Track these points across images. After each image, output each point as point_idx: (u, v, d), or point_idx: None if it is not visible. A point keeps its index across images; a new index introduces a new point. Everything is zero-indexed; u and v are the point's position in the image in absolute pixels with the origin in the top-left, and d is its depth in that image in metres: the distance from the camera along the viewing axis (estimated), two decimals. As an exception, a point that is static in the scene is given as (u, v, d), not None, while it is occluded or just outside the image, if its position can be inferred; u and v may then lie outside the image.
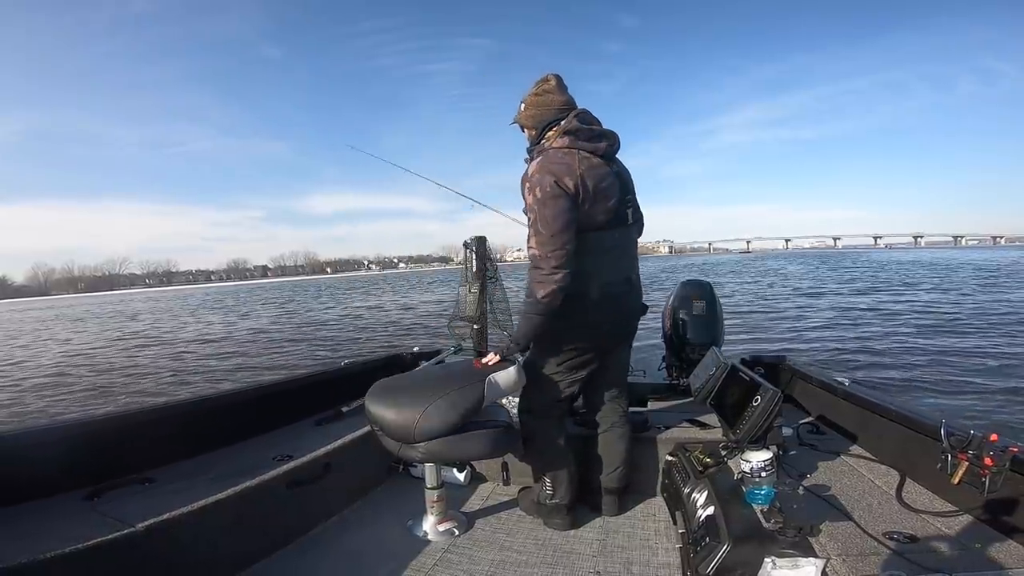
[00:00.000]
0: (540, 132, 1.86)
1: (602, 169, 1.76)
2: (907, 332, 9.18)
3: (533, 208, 1.70)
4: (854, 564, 1.22)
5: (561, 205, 1.67)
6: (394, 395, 1.79)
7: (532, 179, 1.71)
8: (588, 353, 1.88)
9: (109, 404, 7.45)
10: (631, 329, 2.02)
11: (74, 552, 1.22)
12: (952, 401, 5.20)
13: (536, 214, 1.69)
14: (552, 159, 1.72)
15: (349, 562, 1.73)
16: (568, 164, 1.71)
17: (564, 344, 1.87)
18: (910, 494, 1.58)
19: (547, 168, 1.70)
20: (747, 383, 1.75)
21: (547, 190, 1.67)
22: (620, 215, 1.83)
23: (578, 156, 1.73)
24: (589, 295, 1.78)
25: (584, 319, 1.81)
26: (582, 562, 1.70)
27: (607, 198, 1.76)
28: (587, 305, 1.79)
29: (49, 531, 1.33)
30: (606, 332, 1.89)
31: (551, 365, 1.90)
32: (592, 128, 1.80)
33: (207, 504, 1.54)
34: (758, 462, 1.49)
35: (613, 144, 1.84)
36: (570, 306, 1.77)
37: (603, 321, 1.85)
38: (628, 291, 1.90)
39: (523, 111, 1.89)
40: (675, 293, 2.85)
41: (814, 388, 2.44)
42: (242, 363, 10.34)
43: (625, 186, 1.86)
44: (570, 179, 1.68)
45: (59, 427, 1.87)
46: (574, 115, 1.80)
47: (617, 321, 1.92)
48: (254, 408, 2.34)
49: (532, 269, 1.73)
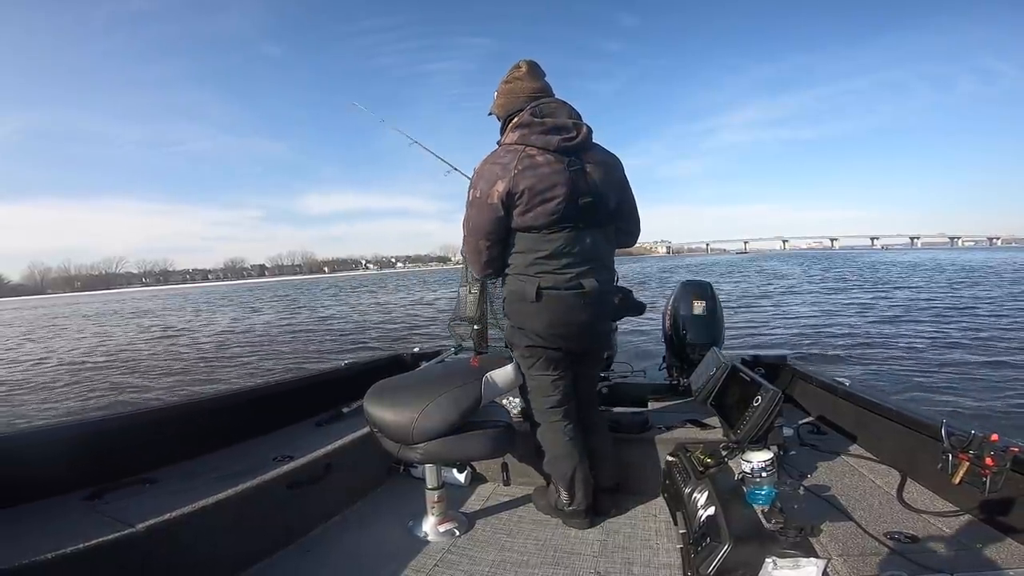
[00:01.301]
0: (504, 123, 1.83)
1: (546, 168, 1.67)
2: (907, 332, 9.21)
3: (466, 204, 1.78)
4: (855, 564, 1.22)
5: (482, 213, 1.73)
6: (392, 396, 1.79)
7: (473, 176, 1.77)
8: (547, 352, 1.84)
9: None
10: (593, 332, 1.91)
11: (74, 552, 1.22)
12: (953, 401, 5.20)
13: (466, 211, 1.79)
14: (492, 158, 1.74)
15: (349, 562, 1.73)
16: (504, 165, 1.67)
17: (520, 344, 1.87)
18: (911, 494, 1.58)
19: (482, 170, 1.74)
20: (748, 383, 1.75)
21: (476, 195, 1.73)
22: (567, 215, 1.69)
23: (521, 154, 1.67)
24: (526, 297, 1.75)
25: (529, 322, 1.80)
26: (583, 562, 1.70)
27: (547, 199, 1.66)
28: (527, 306, 1.76)
29: (49, 532, 1.33)
30: (554, 334, 1.80)
31: (524, 366, 1.91)
32: (544, 122, 1.70)
33: (208, 504, 1.54)
34: (759, 462, 1.49)
35: (573, 138, 1.71)
36: (515, 305, 1.81)
37: (548, 324, 1.78)
38: (578, 297, 1.75)
39: (494, 99, 1.87)
40: (675, 293, 2.85)
41: (815, 388, 2.44)
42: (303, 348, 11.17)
43: (585, 184, 1.71)
44: (502, 183, 1.66)
45: (60, 428, 1.87)
46: (530, 108, 1.73)
47: (564, 325, 1.79)
48: (254, 408, 2.34)
49: None
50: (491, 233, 1.75)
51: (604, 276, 1.83)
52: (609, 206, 1.80)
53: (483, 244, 1.78)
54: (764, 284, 23.60)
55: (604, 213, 1.79)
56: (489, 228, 1.74)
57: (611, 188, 1.80)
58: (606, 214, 1.81)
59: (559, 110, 1.77)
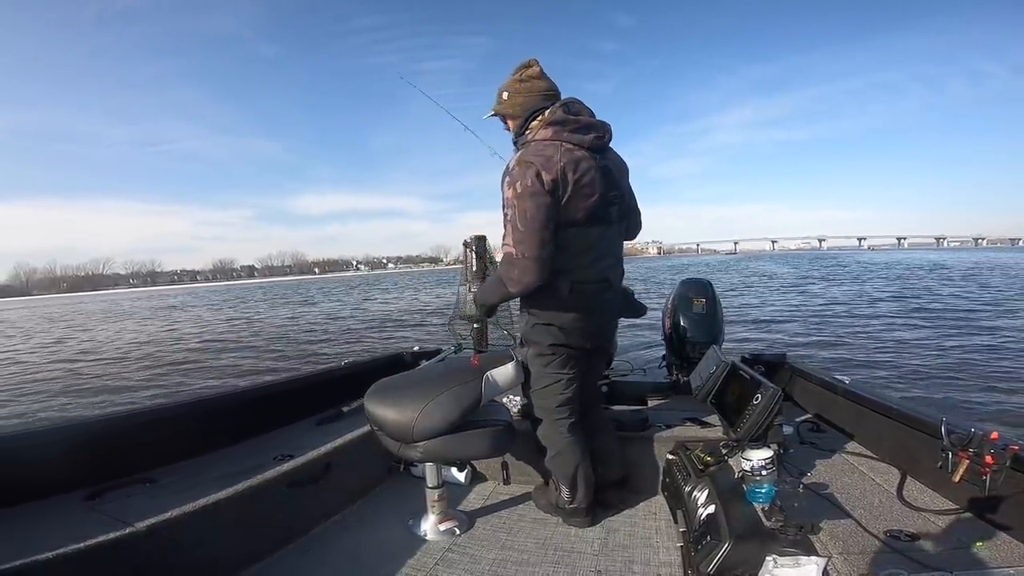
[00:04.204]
0: (524, 122, 1.80)
1: (586, 163, 1.68)
2: (907, 332, 9.26)
3: (512, 203, 1.65)
4: (855, 562, 1.23)
5: (539, 201, 1.62)
6: (392, 394, 1.79)
7: (512, 173, 1.66)
8: (567, 351, 1.85)
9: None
10: (609, 330, 1.98)
11: (74, 552, 1.22)
12: (952, 399, 5.22)
13: (514, 209, 1.64)
14: (533, 152, 1.66)
15: (349, 562, 1.73)
16: (548, 157, 1.65)
17: (543, 342, 1.84)
18: (911, 492, 1.58)
19: (527, 161, 1.64)
20: (747, 381, 1.75)
21: (527, 185, 1.62)
22: (600, 213, 1.74)
23: (561, 149, 1.67)
24: (558, 293, 1.73)
25: (556, 316, 1.78)
26: (583, 561, 1.71)
27: (587, 195, 1.68)
28: (558, 303, 1.76)
29: (49, 531, 1.32)
30: (580, 329, 1.82)
31: (538, 364, 1.88)
32: (579, 119, 1.73)
33: (208, 504, 1.54)
34: (759, 460, 1.48)
35: (603, 136, 1.76)
36: (542, 302, 1.77)
37: (576, 319, 1.80)
38: (605, 292, 1.82)
39: (506, 99, 1.83)
40: (675, 292, 2.85)
41: (814, 386, 2.45)
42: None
43: (612, 182, 1.77)
44: (548, 173, 1.62)
45: (59, 427, 1.86)
46: (559, 105, 1.75)
47: (591, 321, 1.84)
48: (255, 408, 2.34)
49: (505, 265, 1.71)
50: (550, 221, 1.65)
51: (621, 272, 1.91)
52: (627, 204, 1.88)
53: (546, 235, 1.65)
54: (752, 283, 24.12)
55: (624, 211, 1.86)
56: (548, 216, 1.64)
57: (627, 187, 1.89)
58: (625, 211, 1.87)
59: (583, 109, 1.79)
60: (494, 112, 1.89)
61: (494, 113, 1.89)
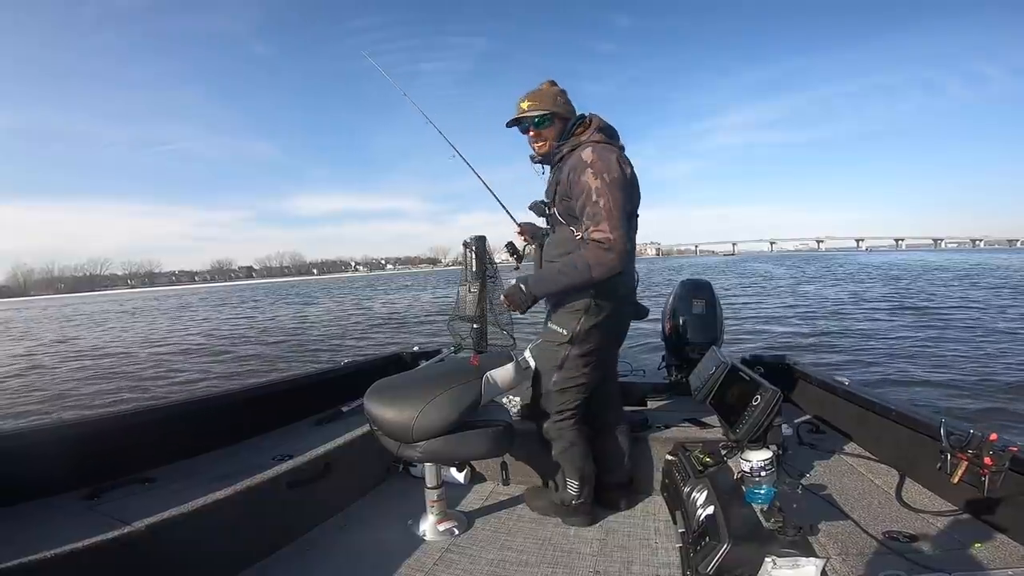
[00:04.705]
0: (572, 125, 1.89)
1: (631, 168, 1.81)
2: (906, 332, 9.26)
3: (603, 192, 1.67)
4: (854, 563, 1.23)
5: (628, 192, 1.75)
6: (391, 394, 1.79)
7: (597, 164, 1.71)
8: (609, 347, 1.96)
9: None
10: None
11: (74, 552, 1.22)
12: (952, 401, 5.21)
13: (607, 197, 1.67)
14: (610, 149, 1.78)
15: (349, 561, 1.73)
16: (619, 152, 1.79)
17: (595, 342, 1.86)
18: (910, 494, 1.59)
19: (608, 156, 1.74)
20: (747, 382, 1.75)
21: (616, 175, 1.71)
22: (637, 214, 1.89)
23: (620, 151, 1.81)
24: (619, 288, 1.83)
25: (611, 319, 1.86)
26: (582, 561, 1.71)
27: (639, 195, 1.83)
28: (619, 296, 1.85)
29: (49, 531, 1.32)
30: (620, 332, 1.98)
31: (578, 364, 1.87)
32: (614, 130, 1.89)
33: (207, 504, 1.54)
34: (758, 461, 1.49)
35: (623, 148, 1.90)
36: (601, 304, 1.81)
37: (624, 314, 1.93)
38: (635, 287, 1.97)
39: (560, 102, 1.89)
40: (675, 293, 2.86)
41: (814, 388, 2.45)
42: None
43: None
44: (628, 167, 1.77)
45: (59, 427, 1.86)
46: (598, 117, 1.88)
47: (630, 315, 1.98)
48: (254, 408, 2.34)
49: (598, 250, 1.67)
50: (633, 212, 1.80)
51: None
52: None
53: (632, 223, 1.80)
54: (751, 283, 24.16)
55: None
56: (633, 206, 1.80)
57: None
58: None
59: None
60: (547, 111, 1.87)
61: (547, 112, 1.88)
